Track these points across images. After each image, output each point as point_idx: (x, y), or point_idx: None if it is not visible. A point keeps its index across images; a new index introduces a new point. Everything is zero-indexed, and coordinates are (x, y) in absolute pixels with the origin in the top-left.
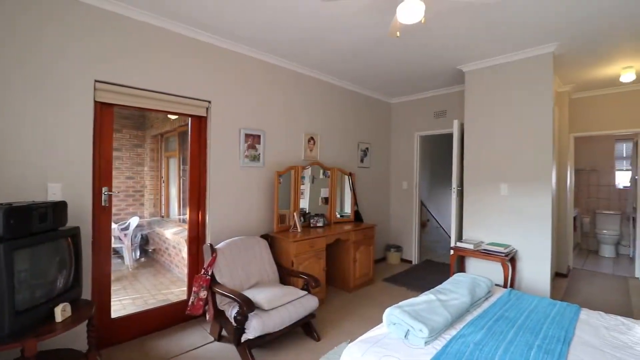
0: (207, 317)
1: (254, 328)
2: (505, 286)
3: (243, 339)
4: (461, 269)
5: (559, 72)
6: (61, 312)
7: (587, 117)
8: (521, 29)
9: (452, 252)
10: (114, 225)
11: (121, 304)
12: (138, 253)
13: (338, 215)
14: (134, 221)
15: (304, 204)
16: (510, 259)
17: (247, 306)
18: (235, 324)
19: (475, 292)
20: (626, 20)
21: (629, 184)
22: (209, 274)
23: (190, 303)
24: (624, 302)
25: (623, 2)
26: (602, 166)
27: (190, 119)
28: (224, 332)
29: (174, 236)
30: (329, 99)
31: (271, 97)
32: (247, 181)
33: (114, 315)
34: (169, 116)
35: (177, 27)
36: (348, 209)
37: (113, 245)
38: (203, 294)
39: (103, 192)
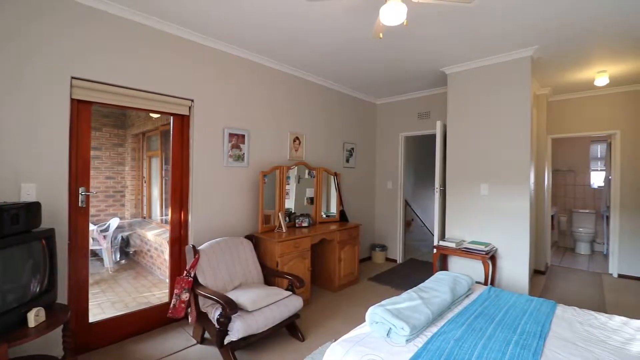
0: (190, 319)
1: (237, 330)
2: (485, 283)
3: (226, 341)
4: (444, 267)
5: (537, 76)
6: (34, 317)
7: (564, 119)
8: (501, 33)
9: (435, 250)
10: (92, 227)
11: (100, 308)
12: (118, 255)
13: (324, 215)
14: (114, 222)
15: (290, 204)
16: (490, 257)
17: (230, 308)
18: (218, 326)
19: (456, 289)
20: (600, 27)
21: (603, 184)
22: (191, 275)
23: (171, 305)
24: (598, 297)
25: (597, 11)
26: (578, 167)
27: (172, 117)
28: (206, 335)
29: (156, 237)
30: (314, 99)
31: (256, 97)
32: (231, 181)
33: (92, 319)
34: (151, 115)
35: (159, 24)
36: (334, 209)
37: (91, 247)
38: (185, 296)
39: (80, 192)
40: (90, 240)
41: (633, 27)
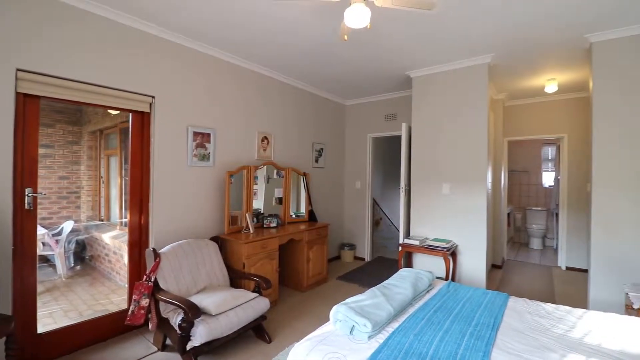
0: (150, 326)
1: (200, 335)
2: (447, 279)
3: (188, 346)
4: (409, 264)
5: (494, 81)
6: None
7: (518, 123)
8: (460, 40)
9: (400, 248)
10: (42, 230)
11: (52, 317)
12: (72, 261)
13: (293, 215)
14: (67, 225)
15: (258, 204)
16: (451, 253)
17: (193, 312)
18: (179, 332)
19: (418, 285)
20: (548, 39)
21: (553, 184)
22: (152, 280)
23: (130, 312)
24: (548, 288)
25: (546, 24)
26: (532, 167)
27: (131, 114)
28: (168, 341)
29: (115, 241)
30: (284, 99)
31: (223, 95)
32: (195, 181)
33: (41, 330)
34: (110, 111)
35: (118, 15)
36: (303, 209)
37: (42, 253)
38: (145, 302)
39: (27, 193)
40: (41, 245)
41: (578, 39)
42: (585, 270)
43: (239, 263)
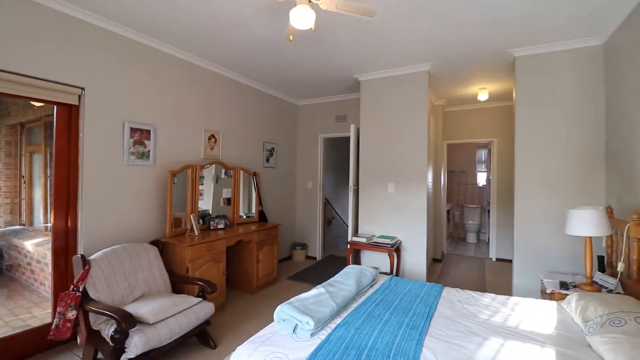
0: (79, 340)
1: (135, 345)
2: (391, 274)
3: (122, 359)
4: (357, 261)
5: (434, 88)
6: None
7: (456, 127)
8: (402, 48)
9: (348, 246)
10: None
11: None
12: None
13: (244, 216)
14: None
15: (206, 205)
16: (395, 249)
17: (127, 322)
18: (112, 344)
19: (361, 281)
20: (479, 51)
21: (485, 183)
22: (80, 290)
23: (54, 326)
24: (481, 278)
25: (475, 38)
26: (468, 168)
27: (56, 107)
28: (100, 355)
29: (39, 248)
30: (233, 97)
31: (166, 89)
32: (133, 181)
33: None
34: (32, 102)
35: None
36: (254, 209)
37: None
38: (71, 314)
39: None
40: None
41: (504, 54)
42: (511, 261)
43: (182, 267)
